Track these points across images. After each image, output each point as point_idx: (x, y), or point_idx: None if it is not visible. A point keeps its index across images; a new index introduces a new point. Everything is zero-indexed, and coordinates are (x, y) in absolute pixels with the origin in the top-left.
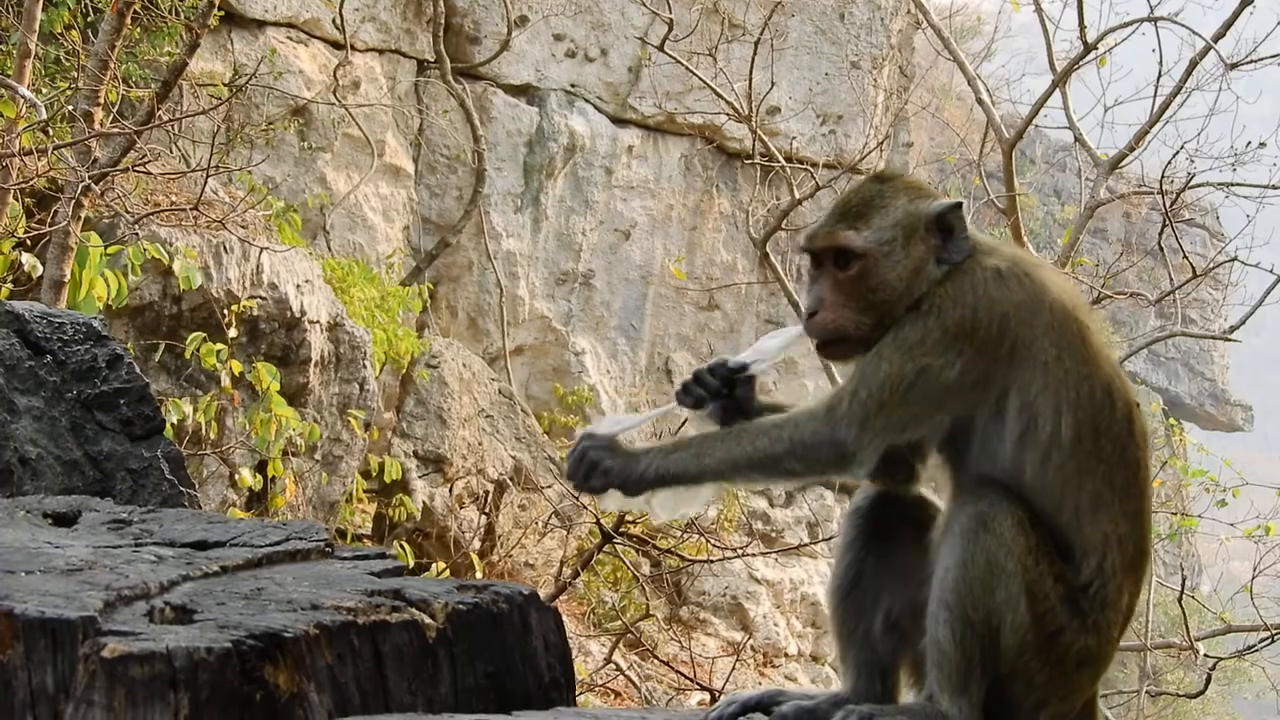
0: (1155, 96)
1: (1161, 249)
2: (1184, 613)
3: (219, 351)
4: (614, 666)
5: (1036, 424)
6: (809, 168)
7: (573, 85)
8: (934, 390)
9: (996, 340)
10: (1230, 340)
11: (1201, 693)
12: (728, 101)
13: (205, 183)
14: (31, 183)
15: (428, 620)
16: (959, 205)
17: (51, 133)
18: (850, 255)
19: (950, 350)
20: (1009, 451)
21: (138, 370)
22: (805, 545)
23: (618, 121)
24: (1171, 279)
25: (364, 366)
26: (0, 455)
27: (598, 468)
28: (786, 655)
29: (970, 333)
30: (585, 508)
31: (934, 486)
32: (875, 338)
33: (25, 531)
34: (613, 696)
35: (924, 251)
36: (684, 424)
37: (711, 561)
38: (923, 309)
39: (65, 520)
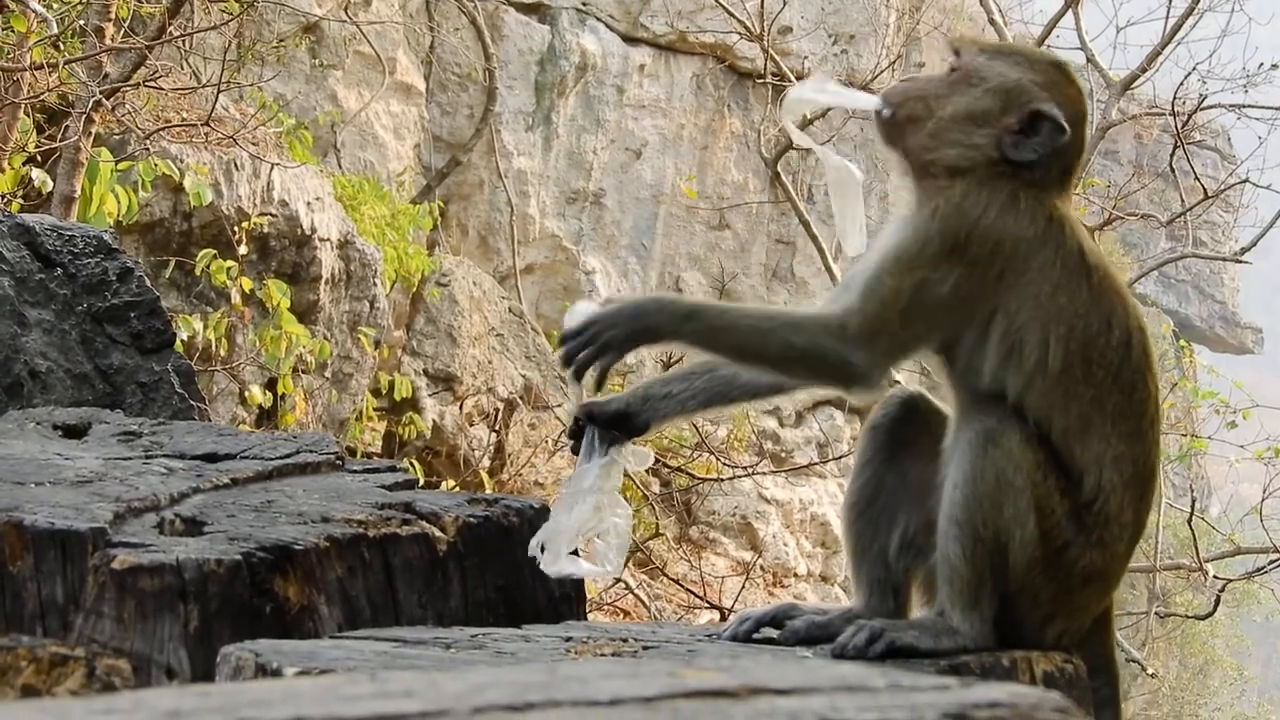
0: (1167, 18)
1: (1173, 171)
2: (1193, 534)
3: (229, 268)
4: (623, 585)
5: (1022, 350)
6: None
7: (584, 3)
8: (930, 305)
9: (987, 262)
10: (1241, 262)
11: (1210, 614)
12: (739, 20)
13: (216, 99)
14: (42, 98)
15: (438, 533)
16: (1060, 127)
17: (62, 48)
18: (956, 58)
19: (944, 263)
20: (990, 371)
21: (148, 284)
22: (815, 465)
23: (629, 40)
24: (1183, 201)
25: (374, 284)
26: (10, 368)
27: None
28: (796, 575)
29: (963, 248)
30: None
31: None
32: (916, 148)
33: (35, 443)
34: (621, 615)
35: (989, 120)
36: None
37: (721, 480)
38: (928, 212)
39: (75, 432)
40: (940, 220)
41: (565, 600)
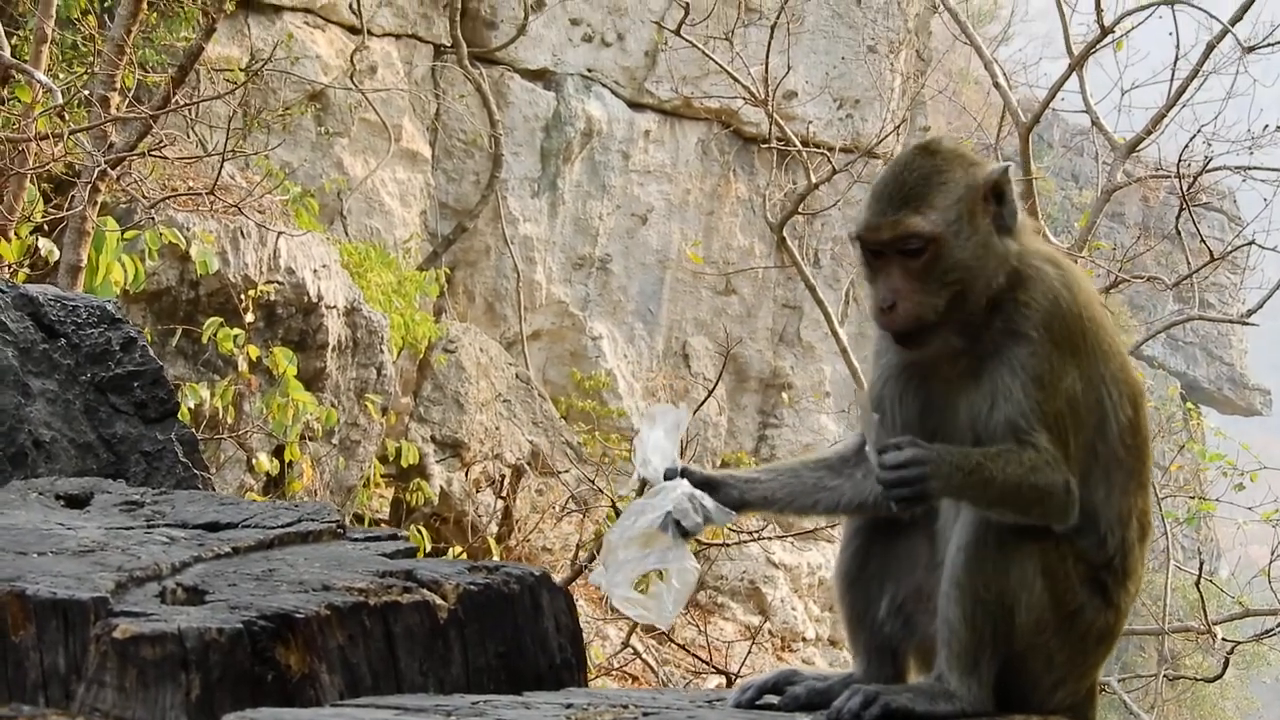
0: (1172, 80)
1: (1179, 233)
2: (1202, 597)
3: (236, 336)
4: (631, 650)
5: (1115, 414)
6: (826, 152)
7: (589, 70)
8: (1079, 408)
9: (1083, 342)
10: (1248, 324)
11: (1219, 677)
12: (744, 86)
13: (221, 168)
14: (48, 168)
15: (439, 601)
16: (1007, 169)
17: (68, 118)
18: (920, 241)
19: (1068, 364)
20: (1088, 441)
21: (152, 353)
22: (822, 529)
23: (634, 106)
24: (1189, 263)
25: (381, 351)
26: (15, 438)
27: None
28: (804, 639)
29: (1070, 342)
30: (601, 491)
31: None
32: (952, 320)
33: (38, 513)
34: (630, 680)
35: (987, 223)
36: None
37: (728, 545)
38: (1024, 331)
39: (78, 502)
40: (1041, 330)
41: (566, 667)
